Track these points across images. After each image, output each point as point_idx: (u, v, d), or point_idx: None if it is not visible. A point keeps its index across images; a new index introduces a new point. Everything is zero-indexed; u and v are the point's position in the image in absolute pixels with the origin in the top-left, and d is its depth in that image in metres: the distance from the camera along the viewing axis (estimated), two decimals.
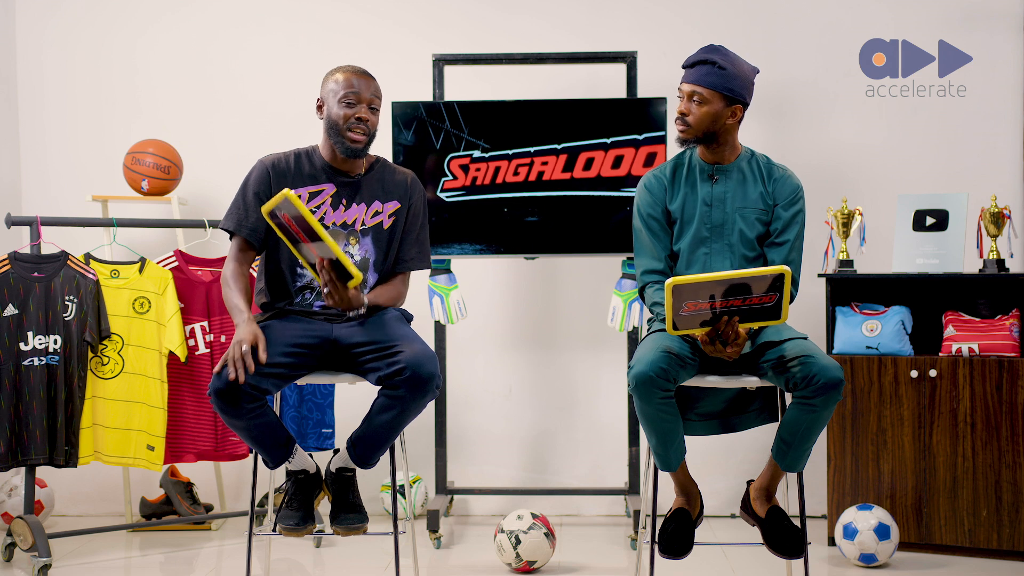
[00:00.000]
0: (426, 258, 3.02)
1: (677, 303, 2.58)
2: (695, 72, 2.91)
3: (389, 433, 2.75)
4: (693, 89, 2.90)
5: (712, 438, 3.20)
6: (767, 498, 2.88)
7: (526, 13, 4.35)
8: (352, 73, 2.86)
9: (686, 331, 2.67)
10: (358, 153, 2.85)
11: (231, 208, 2.88)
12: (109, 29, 4.41)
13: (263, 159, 2.90)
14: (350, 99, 2.83)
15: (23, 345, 3.58)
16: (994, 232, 3.70)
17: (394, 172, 2.98)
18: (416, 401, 2.68)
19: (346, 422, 3.54)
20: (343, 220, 2.88)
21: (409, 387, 2.64)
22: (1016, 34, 4.19)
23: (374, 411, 2.73)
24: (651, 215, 2.98)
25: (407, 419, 2.73)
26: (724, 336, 2.67)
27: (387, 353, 2.68)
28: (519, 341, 4.39)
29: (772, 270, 2.57)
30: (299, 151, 2.93)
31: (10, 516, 3.94)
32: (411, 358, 2.63)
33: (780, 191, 2.96)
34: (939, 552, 3.64)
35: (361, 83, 2.84)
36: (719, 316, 2.63)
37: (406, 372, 2.62)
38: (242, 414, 2.62)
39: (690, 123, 2.91)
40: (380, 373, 2.67)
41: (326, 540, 3.89)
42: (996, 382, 3.54)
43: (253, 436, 2.71)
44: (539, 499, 4.29)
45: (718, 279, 2.57)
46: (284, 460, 2.80)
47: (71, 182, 4.37)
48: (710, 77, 2.88)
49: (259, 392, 2.62)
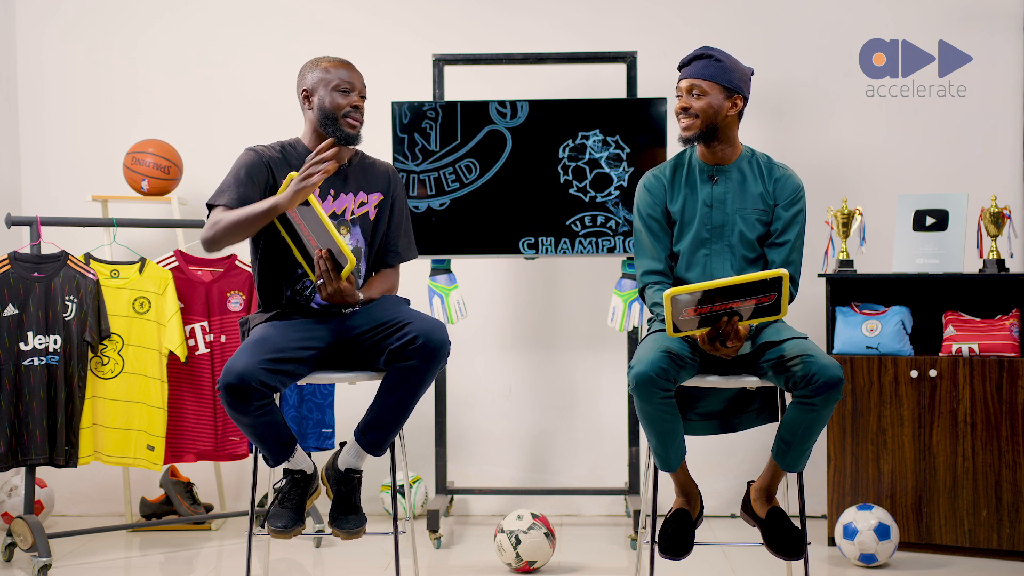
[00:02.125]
0: (414, 248, 3.08)
1: (676, 312, 2.61)
2: (692, 67, 2.92)
3: (401, 412, 2.77)
4: (692, 83, 2.90)
5: (712, 438, 3.19)
6: (767, 499, 2.87)
7: (526, 13, 4.35)
8: (340, 63, 2.91)
9: (686, 332, 2.68)
10: (353, 140, 2.90)
11: (223, 187, 2.84)
12: (109, 29, 4.41)
13: (253, 147, 2.92)
14: (344, 87, 2.87)
15: (23, 345, 3.58)
16: (994, 232, 3.70)
17: (374, 164, 3.03)
18: (429, 371, 2.71)
19: (346, 422, 3.55)
20: (332, 210, 2.90)
21: (422, 357, 2.67)
22: (1016, 34, 4.19)
23: (384, 390, 2.75)
24: (651, 215, 2.98)
25: (419, 393, 2.75)
26: (724, 335, 2.67)
27: (396, 328, 2.72)
28: (519, 341, 4.39)
29: (769, 274, 2.58)
30: (283, 143, 2.96)
31: (10, 516, 3.94)
32: (421, 327, 2.68)
33: (781, 191, 2.95)
34: (939, 552, 3.64)
35: (352, 73, 2.91)
36: (719, 316, 2.64)
37: (418, 340, 2.66)
38: (250, 411, 2.63)
39: (693, 115, 2.90)
40: (391, 347, 2.70)
41: (326, 540, 3.89)
42: (996, 382, 3.54)
43: (257, 433, 2.72)
44: (539, 499, 4.29)
45: (715, 287, 2.58)
46: (286, 458, 2.81)
47: (71, 182, 4.37)
48: (707, 69, 2.89)
49: (268, 389, 2.63)
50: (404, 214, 3.04)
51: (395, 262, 3.02)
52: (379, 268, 3.01)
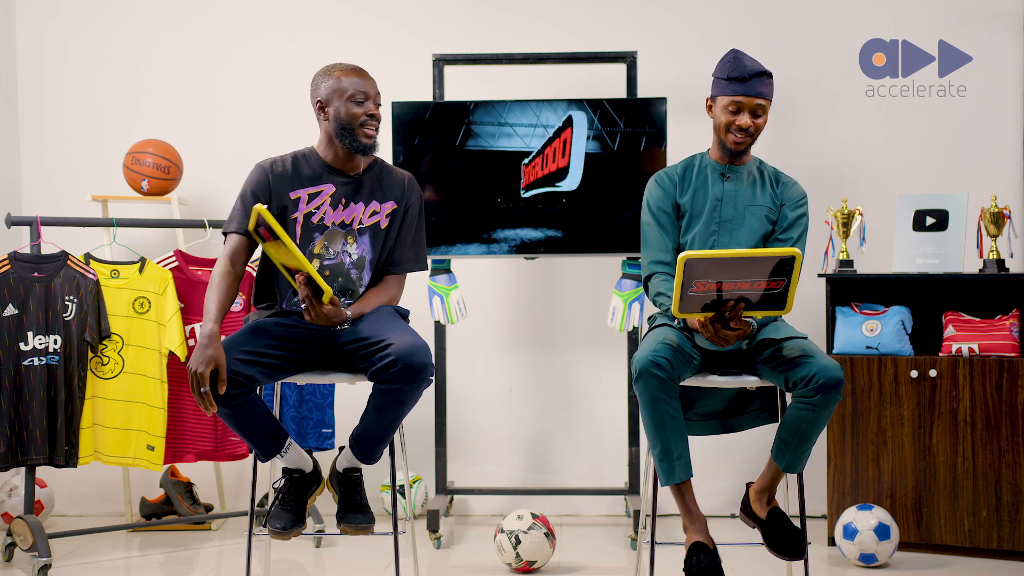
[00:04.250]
0: (422, 261, 3.02)
1: (688, 280, 2.57)
2: (758, 85, 2.90)
3: (389, 427, 2.76)
4: (759, 103, 2.91)
5: (712, 438, 3.20)
6: (767, 500, 2.87)
7: (526, 13, 4.35)
8: (354, 72, 2.87)
9: (689, 314, 2.66)
10: (370, 149, 2.86)
11: (233, 213, 2.87)
12: (109, 29, 4.41)
13: (261, 163, 2.90)
14: (359, 97, 2.83)
15: (23, 345, 3.58)
16: (994, 232, 3.70)
17: (392, 173, 2.98)
18: (410, 393, 2.68)
19: (346, 422, 3.55)
20: (341, 219, 2.88)
21: (403, 379, 2.64)
22: (1016, 34, 4.19)
23: (371, 407, 2.73)
24: (661, 208, 2.99)
25: (404, 411, 2.73)
26: (729, 318, 2.65)
27: (377, 348, 2.67)
28: (519, 341, 4.39)
29: (784, 251, 2.55)
30: (296, 153, 2.93)
31: (10, 516, 3.94)
32: (401, 350, 2.63)
33: (787, 195, 3.00)
34: (939, 552, 3.64)
35: (366, 81, 2.87)
36: (725, 300, 2.62)
37: (397, 365, 2.62)
38: (225, 400, 2.62)
39: (750, 134, 2.92)
40: (372, 368, 2.67)
41: (326, 540, 3.89)
42: (996, 382, 3.54)
43: (240, 424, 2.72)
44: (539, 499, 4.29)
45: (731, 256, 2.57)
46: (275, 453, 2.80)
47: (71, 182, 4.37)
48: (769, 89, 2.92)
49: (244, 379, 2.62)
50: (415, 225, 2.98)
51: (397, 272, 2.97)
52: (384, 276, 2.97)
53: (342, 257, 2.88)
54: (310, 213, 2.86)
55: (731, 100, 2.91)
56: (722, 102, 2.93)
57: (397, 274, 2.97)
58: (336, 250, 2.88)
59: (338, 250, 2.88)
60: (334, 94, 2.84)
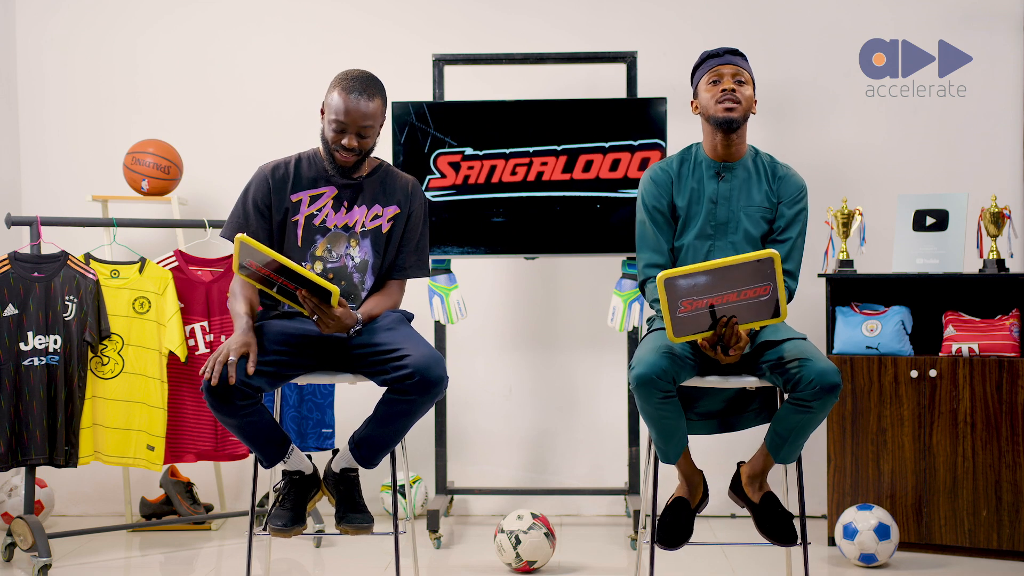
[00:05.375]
0: (425, 267, 3.01)
1: (673, 301, 2.58)
2: (732, 57, 2.92)
3: (395, 435, 2.76)
4: (737, 69, 2.91)
5: (712, 438, 3.20)
6: (759, 485, 2.90)
7: (526, 13, 4.35)
8: (348, 96, 2.75)
9: (687, 338, 2.66)
10: (346, 171, 2.84)
11: (231, 217, 2.87)
12: (109, 29, 4.41)
13: (263, 166, 2.89)
14: (335, 127, 2.77)
15: (23, 345, 3.58)
16: (994, 232, 3.70)
17: (396, 177, 2.96)
18: (423, 405, 2.69)
19: (346, 422, 3.55)
20: (344, 222, 2.88)
21: (418, 391, 2.64)
22: (1016, 34, 4.19)
23: (379, 414, 2.73)
24: (656, 207, 2.98)
25: (413, 421, 2.74)
26: (725, 340, 2.67)
27: (392, 358, 2.67)
28: (519, 341, 4.39)
29: (761, 254, 2.55)
30: (300, 155, 2.92)
31: (10, 516, 3.94)
32: (419, 363, 2.63)
33: (784, 190, 2.97)
34: (939, 552, 3.64)
35: (354, 110, 2.74)
36: (717, 318, 2.63)
37: (415, 377, 2.62)
38: (234, 411, 2.62)
39: (737, 100, 2.89)
40: (387, 377, 2.67)
41: (326, 540, 3.89)
42: (996, 382, 3.54)
43: (246, 434, 2.71)
44: (539, 499, 4.29)
45: (709, 267, 2.57)
46: (279, 460, 2.80)
47: (71, 182, 4.37)
48: (745, 62, 2.94)
49: (251, 390, 2.62)
50: (418, 231, 2.96)
51: (400, 277, 2.96)
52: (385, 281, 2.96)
53: (345, 260, 2.88)
54: (311, 215, 2.85)
55: (710, 72, 2.92)
56: (703, 83, 2.94)
57: (399, 279, 2.97)
58: (339, 253, 2.87)
59: (341, 253, 2.88)
60: (327, 107, 2.81)
